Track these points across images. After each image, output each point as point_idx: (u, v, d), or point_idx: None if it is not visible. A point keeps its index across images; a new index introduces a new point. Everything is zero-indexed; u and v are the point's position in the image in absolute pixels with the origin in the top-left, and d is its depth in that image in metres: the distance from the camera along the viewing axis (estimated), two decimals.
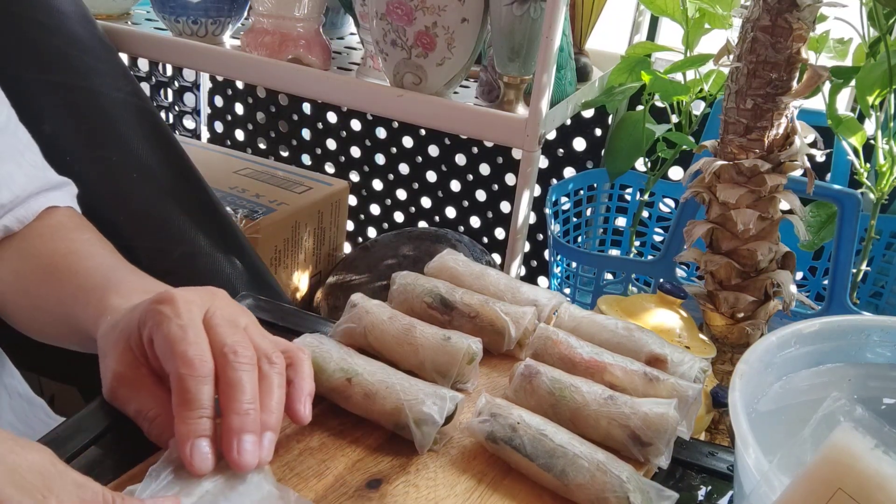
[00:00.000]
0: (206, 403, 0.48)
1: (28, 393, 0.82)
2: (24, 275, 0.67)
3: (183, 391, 0.47)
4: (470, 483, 0.54)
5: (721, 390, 0.72)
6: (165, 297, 0.51)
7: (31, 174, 0.70)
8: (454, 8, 0.92)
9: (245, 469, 0.47)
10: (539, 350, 0.64)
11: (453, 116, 0.97)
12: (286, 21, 1.07)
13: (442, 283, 0.69)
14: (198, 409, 0.47)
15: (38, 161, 0.72)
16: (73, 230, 0.70)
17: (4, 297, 0.69)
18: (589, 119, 1.34)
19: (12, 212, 0.68)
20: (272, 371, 0.51)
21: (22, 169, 0.69)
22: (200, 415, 0.47)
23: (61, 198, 0.72)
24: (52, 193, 0.71)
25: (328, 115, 1.59)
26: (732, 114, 0.75)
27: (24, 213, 0.68)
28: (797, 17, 0.70)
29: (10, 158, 0.69)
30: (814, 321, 0.57)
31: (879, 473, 0.37)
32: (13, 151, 0.69)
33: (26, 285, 0.67)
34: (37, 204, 0.69)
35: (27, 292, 0.67)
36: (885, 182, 0.94)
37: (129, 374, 0.53)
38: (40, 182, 0.71)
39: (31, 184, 0.69)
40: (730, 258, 0.79)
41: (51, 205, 0.70)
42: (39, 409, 0.82)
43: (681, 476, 0.59)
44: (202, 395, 0.47)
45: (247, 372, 0.49)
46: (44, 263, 0.66)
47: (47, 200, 0.70)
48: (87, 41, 0.99)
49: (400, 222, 1.60)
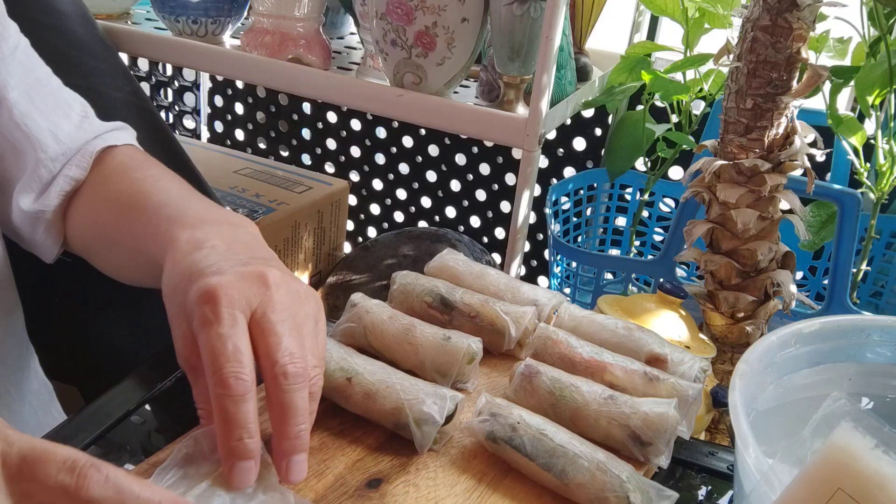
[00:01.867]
0: (246, 422, 0.46)
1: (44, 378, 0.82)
2: (99, 221, 0.67)
3: (222, 411, 0.46)
4: (470, 483, 0.54)
5: (721, 390, 0.72)
6: (208, 294, 0.48)
7: (82, 123, 0.70)
8: (454, 8, 0.92)
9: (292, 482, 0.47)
10: (539, 350, 0.64)
11: (453, 116, 0.97)
12: (286, 21, 1.07)
13: (442, 283, 0.69)
14: (238, 430, 0.46)
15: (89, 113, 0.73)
16: (136, 168, 0.69)
17: (88, 244, 0.70)
18: (589, 119, 1.34)
19: (72, 160, 0.68)
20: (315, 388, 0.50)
21: (70, 120, 0.70)
22: (241, 436, 0.46)
23: (118, 137, 0.72)
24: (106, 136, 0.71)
25: (328, 115, 1.59)
26: (732, 113, 0.75)
27: (83, 160, 0.68)
28: (797, 17, 0.70)
29: (56, 111, 0.69)
30: (814, 321, 0.57)
31: (879, 473, 0.37)
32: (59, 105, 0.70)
33: (103, 231, 0.67)
34: (92, 147, 0.69)
35: (105, 238, 0.67)
36: (885, 182, 0.94)
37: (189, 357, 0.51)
38: (93, 130, 0.71)
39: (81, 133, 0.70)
40: (730, 258, 0.79)
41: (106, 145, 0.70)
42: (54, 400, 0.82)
43: (681, 476, 0.59)
44: (240, 415, 0.46)
45: (298, 392, 0.48)
46: (114, 207, 0.66)
47: (102, 141, 0.70)
48: (87, 41, 0.99)
49: (400, 222, 1.60)
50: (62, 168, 0.68)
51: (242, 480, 0.46)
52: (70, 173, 0.68)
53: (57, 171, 0.68)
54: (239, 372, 0.46)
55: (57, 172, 0.68)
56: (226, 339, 0.47)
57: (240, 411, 0.46)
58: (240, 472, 0.46)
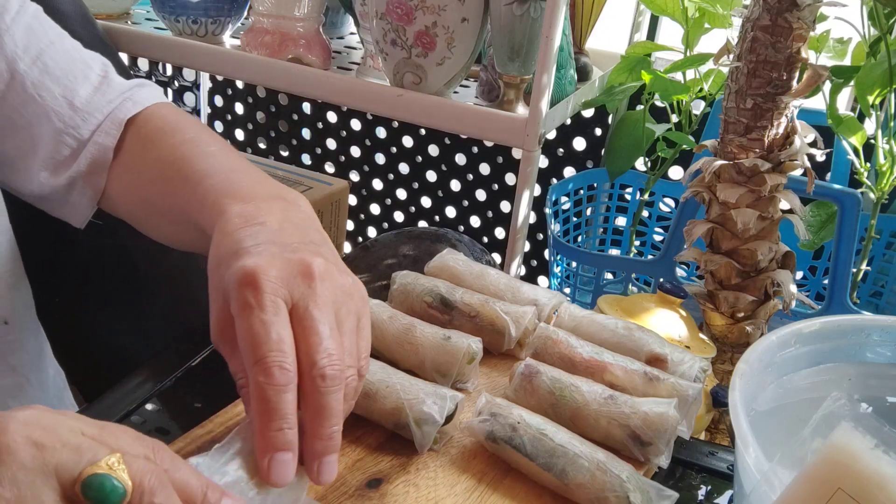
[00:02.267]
0: (287, 413, 0.45)
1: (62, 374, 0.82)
2: (142, 190, 0.66)
3: (263, 400, 0.45)
4: (470, 483, 0.54)
5: (721, 390, 0.72)
6: (250, 278, 0.46)
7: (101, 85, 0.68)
8: (454, 8, 0.92)
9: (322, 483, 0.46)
10: (539, 349, 0.64)
11: (453, 116, 0.97)
12: (286, 21, 1.07)
13: (442, 283, 0.69)
14: (278, 420, 0.45)
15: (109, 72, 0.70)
16: (173, 132, 0.66)
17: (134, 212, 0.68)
18: (589, 119, 1.34)
19: (102, 127, 0.67)
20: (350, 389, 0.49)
21: (89, 82, 0.68)
22: (280, 426, 0.45)
23: (145, 96, 0.70)
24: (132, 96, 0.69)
25: (328, 115, 1.59)
26: (732, 113, 0.75)
27: (111, 126, 0.67)
28: (797, 17, 0.70)
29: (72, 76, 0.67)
30: (814, 321, 0.57)
31: (879, 473, 0.37)
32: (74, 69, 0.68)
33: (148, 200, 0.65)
34: (121, 114, 0.67)
35: (151, 206, 0.65)
36: (885, 182, 0.94)
37: (228, 333, 0.49)
38: (115, 91, 0.69)
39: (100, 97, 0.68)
40: (730, 258, 0.79)
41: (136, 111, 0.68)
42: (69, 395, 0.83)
43: (681, 476, 0.59)
44: (282, 406, 0.45)
45: (334, 394, 0.46)
46: (156, 176, 0.64)
47: (132, 105, 0.68)
48: (87, 41, 0.99)
49: (400, 222, 1.60)
50: (91, 136, 0.67)
51: (281, 474, 0.45)
52: (99, 140, 0.66)
53: (86, 139, 0.66)
54: (282, 361, 0.45)
55: (86, 140, 0.66)
56: (269, 326, 0.45)
57: (281, 401, 0.45)
58: (278, 465, 0.45)
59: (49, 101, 0.66)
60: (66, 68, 0.68)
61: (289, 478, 0.45)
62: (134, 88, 0.70)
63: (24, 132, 0.66)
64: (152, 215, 0.67)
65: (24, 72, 0.65)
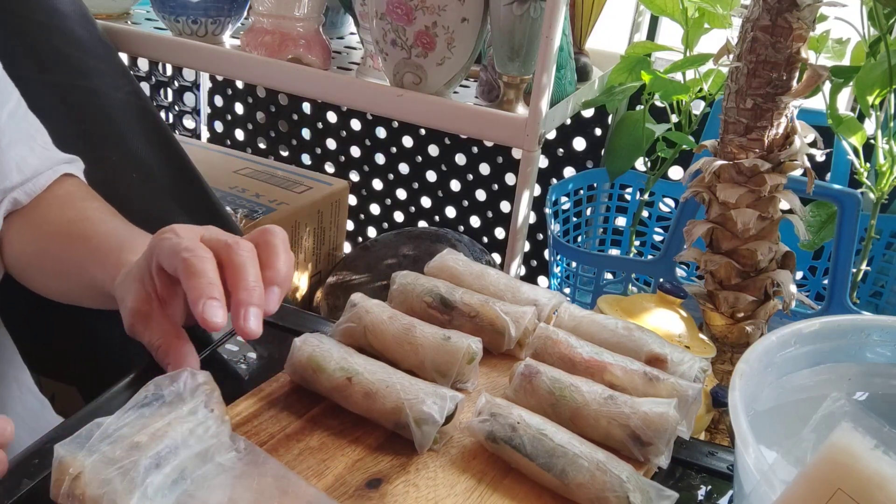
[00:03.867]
0: (209, 272, 0.52)
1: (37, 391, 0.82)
2: (39, 243, 0.71)
3: (188, 268, 0.52)
4: (470, 483, 0.54)
5: (721, 390, 0.72)
6: (166, 228, 0.57)
7: (43, 155, 0.74)
8: (454, 8, 0.92)
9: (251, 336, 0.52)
10: (539, 349, 0.64)
11: (453, 116, 0.97)
12: (286, 21, 1.07)
13: (442, 283, 0.69)
14: (202, 277, 0.52)
15: (48, 143, 0.76)
16: (82, 199, 0.74)
17: (24, 265, 0.73)
18: (589, 119, 1.34)
19: (22, 187, 0.72)
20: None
21: (34, 152, 0.73)
22: (205, 281, 0.52)
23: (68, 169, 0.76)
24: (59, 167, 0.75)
25: (328, 115, 1.59)
26: (732, 113, 0.75)
27: (33, 187, 0.72)
28: (797, 17, 0.70)
29: (23, 143, 0.73)
30: (814, 321, 0.57)
31: (879, 473, 0.37)
32: (25, 136, 0.73)
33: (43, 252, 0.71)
34: (44, 178, 0.73)
35: (45, 258, 0.71)
36: (885, 182, 0.94)
37: (142, 309, 0.57)
38: (50, 161, 0.75)
39: (42, 164, 0.74)
40: (730, 258, 0.79)
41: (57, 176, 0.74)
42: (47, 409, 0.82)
43: (681, 476, 0.59)
44: (205, 268, 0.52)
45: (248, 257, 0.54)
46: (58, 231, 0.70)
47: (54, 173, 0.74)
48: (87, 41, 1.00)
49: (400, 222, 1.60)
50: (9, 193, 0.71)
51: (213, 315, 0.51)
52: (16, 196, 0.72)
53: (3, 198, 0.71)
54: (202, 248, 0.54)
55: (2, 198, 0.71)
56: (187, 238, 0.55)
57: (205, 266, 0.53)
58: (209, 308, 0.51)
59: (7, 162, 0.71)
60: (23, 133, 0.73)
61: (220, 318, 0.52)
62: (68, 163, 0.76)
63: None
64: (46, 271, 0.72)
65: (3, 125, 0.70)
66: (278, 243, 0.58)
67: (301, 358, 0.59)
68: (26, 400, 0.79)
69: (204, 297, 0.51)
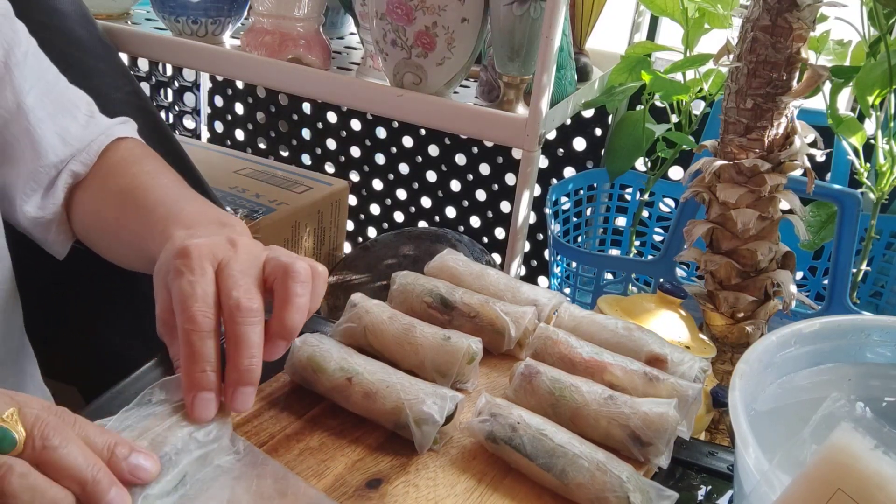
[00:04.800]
0: (209, 356, 0.50)
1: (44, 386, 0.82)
2: (100, 213, 0.71)
3: (189, 345, 0.50)
4: (470, 483, 0.54)
5: (721, 390, 0.72)
6: (182, 250, 0.54)
7: (89, 124, 0.74)
8: (454, 8, 0.92)
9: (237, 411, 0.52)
10: (539, 350, 0.64)
11: (453, 116, 0.97)
12: (286, 21, 1.07)
13: (442, 283, 0.69)
14: (202, 362, 0.50)
15: (94, 112, 0.76)
16: (135, 163, 0.73)
17: (89, 233, 0.73)
18: (589, 119, 1.34)
19: (77, 158, 0.72)
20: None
21: (78, 122, 0.73)
22: (204, 369, 0.50)
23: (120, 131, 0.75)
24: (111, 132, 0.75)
25: (328, 115, 1.59)
26: (732, 113, 0.75)
27: (87, 157, 0.72)
28: (797, 17, 0.70)
29: (63, 115, 0.73)
30: (814, 321, 0.57)
31: (879, 473, 0.37)
32: (63, 110, 0.73)
33: (102, 221, 0.71)
34: (97, 145, 0.73)
35: (105, 228, 0.71)
36: (885, 182, 0.94)
37: (168, 320, 0.55)
38: (98, 128, 0.75)
39: (89, 133, 0.73)
40: (730, 258, 0.79)
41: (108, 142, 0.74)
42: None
43: (681, 476, 0.59)
44: (205, 350, 0.50)
45: (251, 326, 0.52)
46: (113, 200, 0.70)
47: (106, 138, 0.74)
48: (87, 41, 0.99)
49: (400, 222, 1.60)
50: (66, 165, 0.72)
51: (203, 410, 0.50)
52: (73, 168, 0.72)
53: (62, 169, 0.71)
54: (206, 311, 0.51)
55: (61, 170, 0.71)
56: (195, 285, 0.52)
57: (205, 346, 0.50)
58: (201, 402, 0.50)
59: (48, 137, 0.71)
60: (60, 107, 0.73)
61: (210, 414, 0.50)
62: (116, 125, 0.76)
63: (18, 162, 0.71)
64: (108, 239, 0.72)
65: (29, 106, 0.70)
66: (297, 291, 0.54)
67: (301, 358, 0.59)
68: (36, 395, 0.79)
69: (196, 390, 0.50)
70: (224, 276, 0.53)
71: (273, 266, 0.55)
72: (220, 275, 0.53)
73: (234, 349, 0.51)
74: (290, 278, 0.54)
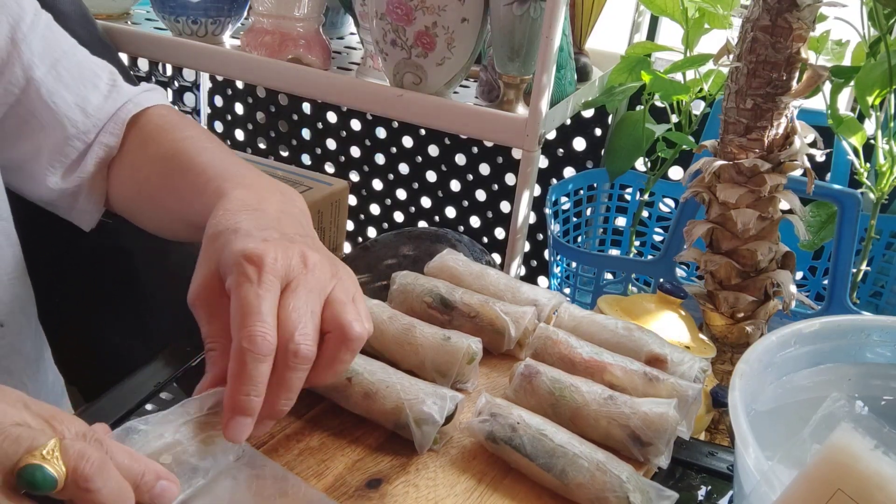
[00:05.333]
0: (259, 381, 0.48)
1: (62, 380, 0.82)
2: (140, 183, 0.69)
3: (241, 364, 0.48)
4: (470, 483, 0.54)
5: (721, 390, 0.72)
6: (255, 256, 0.50)
7: (111, 93, 0.72)
8: (454, 8, 0.92)
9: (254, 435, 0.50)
10: (539, 350, 0.64)
11: (453, 116, 0.97)
12: (286, 21, 1.07)
13: (442, 283, 0.69)
14: (250, 385, 0.48)
15: (116, 80, 0.74)
16: (174, 129, 0.70)
17: (129, 205, 0.72)
18: (589, 119, 1.34)
19: (105, 128, 0.70)
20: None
21: (99, 90, 0.71)
22: (250, 392, 0.48)
23: (148, 98, 0.73)
24: (139, 99, 0.73)
25: (328, 115, 1.59)
26: (732, 114, 0.75)
27: (115, 126, 0.70)
28: (797, 17, 0.70)
29: (82, 86, 0.71)
30: (814, 321, 0.57)
31: (879, 474, 0.37)
32: (81, 81, 0.71)
33: (145, 192, 0.69)
34: (124, 113, 0.71)
35: (148, 198, 0.69)
36: (885, 182, 0.94)
37: (209, 299, 0.53)
38: (123, 96, 0.72)
39: (111, 102, 0.71)
40: (730, 258, 0.79)
41: (138, 110, 0.71)
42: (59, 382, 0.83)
43: (681, 476, 0.59)
44: (256, 374, 0.48)
45: (300, 372, 0.50)
46: (156, 168, 0.68)
47: (135, 106, 0.72)
48: (87, 41, 0.99)
49: (400, 222, 1.60)
50: (96, 137, 0.70)
51: (239, 433, 0.48)
52: (104, 140, 0.70)
53: (91, 141, 0.70)
54: (266, 333, 0.48)
55: (91, 142, 0.70)
56: (262, 299, 0.49)
57: (257, 370, 0.48)
58: (238, 425, 0.48)
59: (63, 109, 0.69)
60: (79, 77, 0.71)
61: (244, 438, 0.48)
62: (142, 93, 0.73)
63: (36, 137, 0.69)
64: (148, 206, 0.70)
65: (39, 79, 0.68)
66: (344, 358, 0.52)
67: None
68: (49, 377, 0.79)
69: (237, 413, 0.48)
70: (289, 307, 0.50)
71: (332, 317, 0.52)
72: (286, 298, 0.50)
73: (277, 389, 0.49)
74: (344, 345, 0.52)
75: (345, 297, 0.53)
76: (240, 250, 0.51)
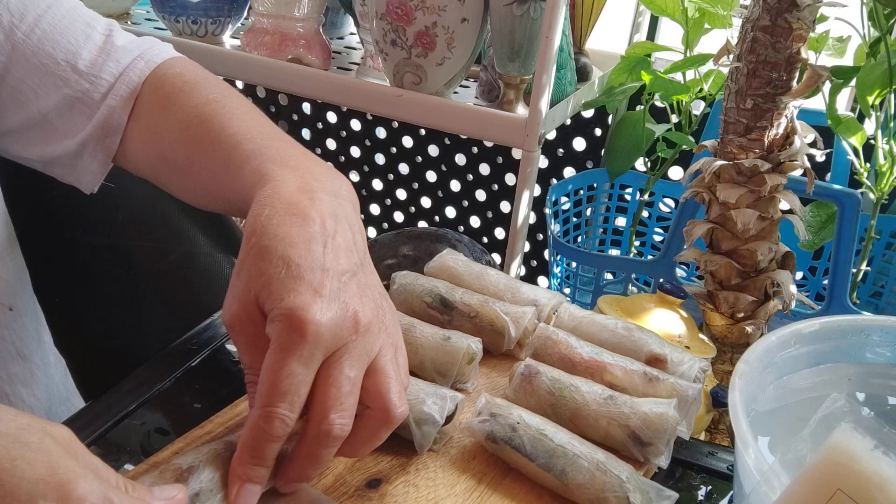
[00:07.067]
0: (268, 458, 0.47)
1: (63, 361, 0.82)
2: (165, 153, 0.63)
3: (253, 438, 0.46)
4: (470, 483, 0.54)
5: (721, 390, 0.72)
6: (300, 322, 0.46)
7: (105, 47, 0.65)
8: (454, 8, 0.92)
9: None
10: (539, 350, 0.64)
11: (453, 116, 0.97)
12: (286, 21, 1.07)
13: (442, 283, 0.69)
14: (258, 459, 0.47)
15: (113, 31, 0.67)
16: (193, 91, 0.63)
17: (157, 174, 0.66)
18: (589, 119, 1.34)
19: (113, 91, 0.64)
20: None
21: (92, 41, 0.65)
22: (258, 464, 0.47)
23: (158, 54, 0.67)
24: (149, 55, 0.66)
25: (328, 115, 1.59)
26: (732, 114, 0.75)
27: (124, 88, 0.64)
28: (797, 17, 0.70)
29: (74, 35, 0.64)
30: (814, 321, 0.57)
31: (879, 474, 0.37)
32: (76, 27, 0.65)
33: (173, 162, 0.63)
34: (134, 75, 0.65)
35: (177, 170, 0.63)
36: (885, 182, 0.94)
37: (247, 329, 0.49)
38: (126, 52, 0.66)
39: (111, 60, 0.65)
40: (730, 258, 0.79)
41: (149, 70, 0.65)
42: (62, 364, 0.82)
43: (681, 476, 0.59)
44: (267, 452, 0.47)
45: (330, 449, 0.48)
46: (181, 137, 0.61)
47: (146, 65, 0.65)
48: None
49: (400, 222, 1.60)
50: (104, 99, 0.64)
51: (245, 501, 0.47)
52: (112, 103, 0.64)
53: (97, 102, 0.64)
54: (286, 416, 0.46)
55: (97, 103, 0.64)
56: (295, 377, 0.46)
57: (268, 448, 0.47)
58: (245, 493, 0.47)
59: (52, 68, 0.63)
60: (67, 31, 0.64)
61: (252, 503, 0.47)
62: (144, 47, 0.67)
63: (33, 103, 0.64)
64: (177, 176, 0.64)
65: (22, 41, 0.63)
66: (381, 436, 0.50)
67: None
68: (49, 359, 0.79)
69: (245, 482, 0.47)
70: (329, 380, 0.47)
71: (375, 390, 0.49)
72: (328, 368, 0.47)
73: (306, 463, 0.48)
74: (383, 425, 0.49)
75: (390, 367, 0.50)
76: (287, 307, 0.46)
